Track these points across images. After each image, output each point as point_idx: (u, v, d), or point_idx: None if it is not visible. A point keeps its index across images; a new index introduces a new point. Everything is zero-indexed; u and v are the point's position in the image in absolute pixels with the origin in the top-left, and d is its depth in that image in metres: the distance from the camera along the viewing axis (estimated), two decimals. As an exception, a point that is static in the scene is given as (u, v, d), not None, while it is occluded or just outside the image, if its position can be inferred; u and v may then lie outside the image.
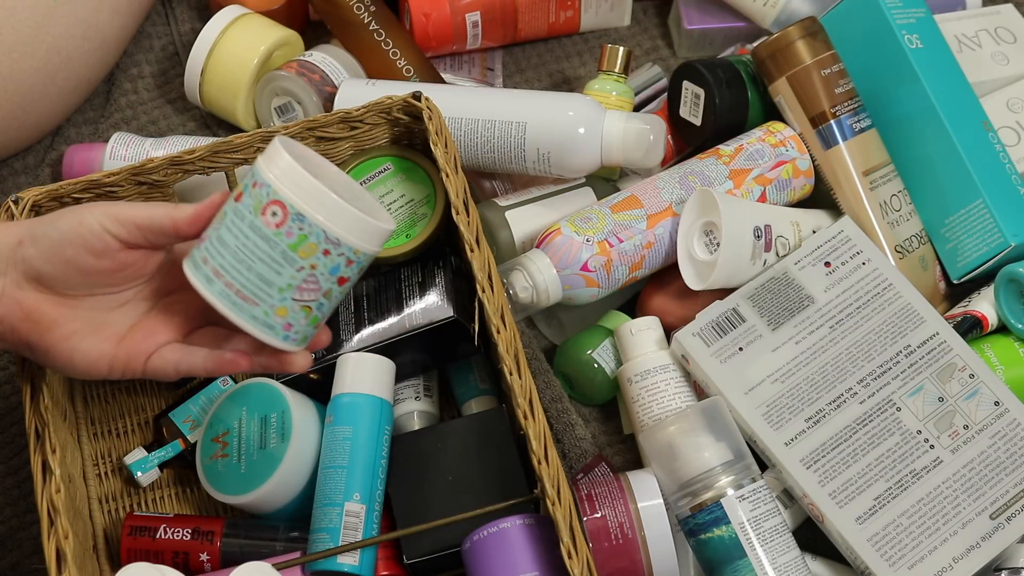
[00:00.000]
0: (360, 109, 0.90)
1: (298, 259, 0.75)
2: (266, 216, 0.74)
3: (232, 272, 0.75)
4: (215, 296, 0.75)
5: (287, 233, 0.74)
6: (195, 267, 0.76)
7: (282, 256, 0.74)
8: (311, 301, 0.76)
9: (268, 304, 0.75)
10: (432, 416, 0.93)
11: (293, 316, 0.76)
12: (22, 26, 0.98)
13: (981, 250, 0.94)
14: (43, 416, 0.81)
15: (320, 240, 0.74)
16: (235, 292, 0.75)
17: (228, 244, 0.75)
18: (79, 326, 0.77)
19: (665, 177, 0.95)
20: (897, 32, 0.96)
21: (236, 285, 0.75)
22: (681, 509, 0.84)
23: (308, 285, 0.76)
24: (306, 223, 0.74)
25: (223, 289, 0.75)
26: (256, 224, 0.74)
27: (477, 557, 0.80)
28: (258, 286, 0.75)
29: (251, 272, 0.75)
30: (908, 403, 0.87)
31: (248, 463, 0.86)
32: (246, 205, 0.75)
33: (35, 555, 0.92)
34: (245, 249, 0.75)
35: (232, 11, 1.05)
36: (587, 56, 1.13)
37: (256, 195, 0.74)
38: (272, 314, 0.76)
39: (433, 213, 0.92)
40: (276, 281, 0.75)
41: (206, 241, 0.76)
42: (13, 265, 0.75)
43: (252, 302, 0.75)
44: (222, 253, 0.75)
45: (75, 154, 1.04)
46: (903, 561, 0.83)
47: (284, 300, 0.76)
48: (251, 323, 0.76)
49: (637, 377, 0.91)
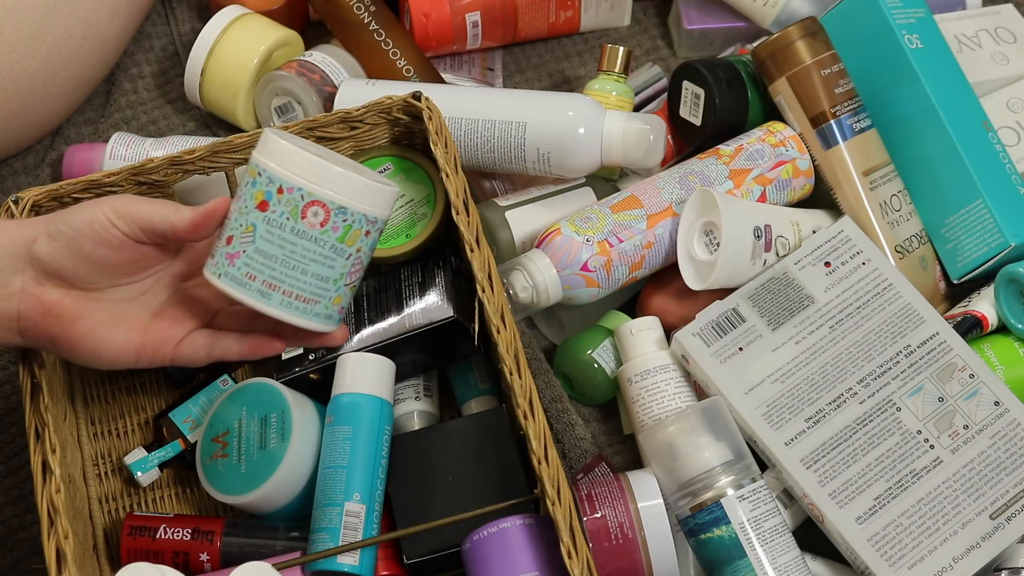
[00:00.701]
0: (360, 109, 0.90)
1: (347, 248, 0.77)
2: (308, 218, 0.76)
3: (288, 281, 0.77)
4: (276, 307, 0.77)
5: (333, 228, 0.76)
6: (242, 285, 0.77)
7: (332, 251, 0.77)
8: (356, 279, 0.80)
9: (327, 298, 0.79)
10: (432, 416, 0.93)
11: (345, 298, 0.80)
12: (22, 26, 0.98)
13: (981, 250, 0.94)
14: (43, 416, 0.81)
15: (363, 224, 0.77)
16: (295, 298, 0.77)
17: (273, 255, 0.76)
18: (103, 317, 0.78)
19: (665, 177, 0.95)
20: (897, 32, 0.96)
21: (295, 291, 0.77)
22: (681, 509, 0.84)
23: (355, 267, 0.79)
24: (349, 213, 0.77)
25: (283, 299, 0.77)
26: (299, 228, 0.76)
27: (477, 557, 0.80)
28: (316, 285, 0.78)
29: (307, 275, 0.77)
30: (908, 403, 0.87)
31: (248, 463, 0.86)
32: (280, 213, 0.76)
33: (35, 555, 0.92)
34: (295, 256, 0.76)
35: (232, 11, 1.05)
36: (587, 56, 1.13)
37: (289, 200, 0.76)
38: (331, 305, 0.79)
39: (433, 213, 0.92)
40: (331, 275, 0.78)
41: (243, 256, 0.77)
42: (30, 263, 0.76)
43: (313, 302, 0.78)
44: (270, 265, 0.77)
45: (75, 154, 1.04)
46: (903, 561, 0.83)
47: (339, 289, 0.79)
48: (314, 320, 0.79)
49: (637, 377, 0.91)
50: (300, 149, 0.76)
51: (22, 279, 0.76)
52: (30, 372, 0.82)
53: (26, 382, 0.82)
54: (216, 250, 0.79)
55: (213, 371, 0.95)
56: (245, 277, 0.77)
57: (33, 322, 0.77)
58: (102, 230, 0.76)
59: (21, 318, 0.77)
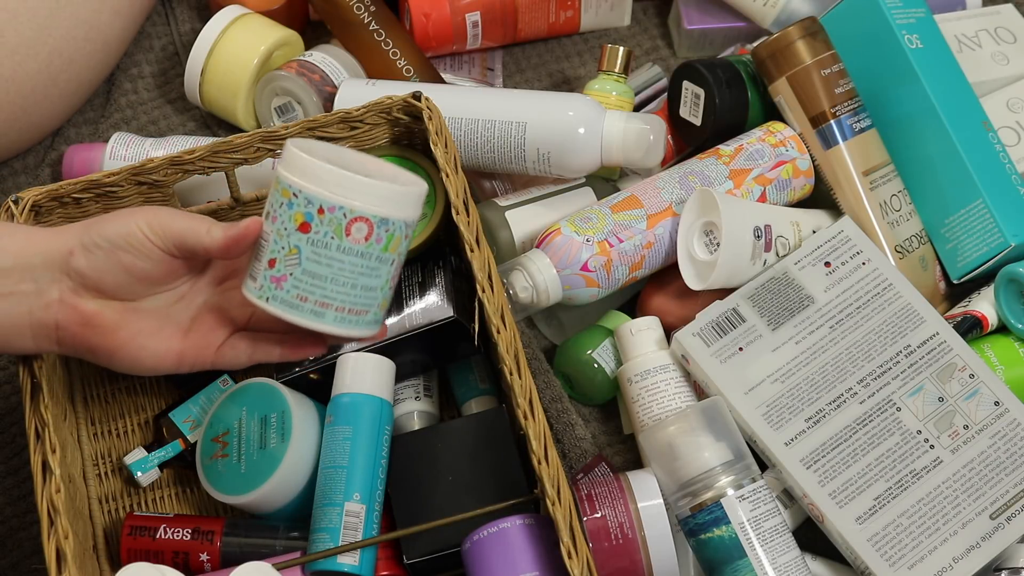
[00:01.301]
0: (360, 109, 0.90)
1: (390, 256, 0.79)
2: (352, 235, 0.77)
3: (340, 297, 0.78)
4: (331, 325, 0.79)
5: (377, 240, 0.78)
6: (295, 308, 0.79)
7: (377, 261, 0.79)
8: (397, 280, 0.82)
9: (375, 305, 0.80)
10: (432, 416, 0.93)
11: (388, 300, 0.82)
12: (24, 28, 0.98)
13: (981, 250, 0.94)
14: (43, 416, 0.81)
15: (403, 230, 0.79)
16: (347, 312, 0.79)
17: (322, 275, 0.78)
18: (142, 326, 0.79)
19: (665, 177, 0.95)
20: (897, 32, 0.96)
21: (348, 306, 0.79)
22: (681, 509, 0.84)
23: (397, 270, 0.81)
24: (391, 223, 0.78)
25: (336, 315, 0.79)
26: (345, 247, 0.77)
27: (477, 557, 0.80)
28: (366, 296, 0.79)
29: (356, 288, 0.79)
30: (908, 403, 0.87)
31: (248, 463, 0.86)
32: (324, 234, 0.77)
33: (35, 555, 0.92)
34: (344, 273, 0.78)
35: (232, 11, 1.06)
36: (587, 56, 1.13)
37: (332, 220, 0.77)
38: (379, 311, 0.81)
39: (433, 213, 0.92)
40: (377, 284, 0.80)
41: (290, 279, 0.78)
42: (67, 275, 0.77)
43: (364, 312, 0.80)
44: (320, 285, 0.78)
45: (75, 154, 1.04)
46: (903, 561, 0.83)
47: (385, 294, 0.81)
48: (365, 328, 0.81)
49: (637, 377, 0.91)
50: (330, 165, 0.77)
51: (59, 289, 0.77)
52: (30, 372, 0.82)
53: (26, 382, 0.82)
54: (257, 273, 0.79)
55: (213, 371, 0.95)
56: (296, 299, 0.78)
57: (71, 332, 0.77)
58: (138, 244, 0.77)
59: (59, 328, 0.77)
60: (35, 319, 0.77)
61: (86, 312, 0.77)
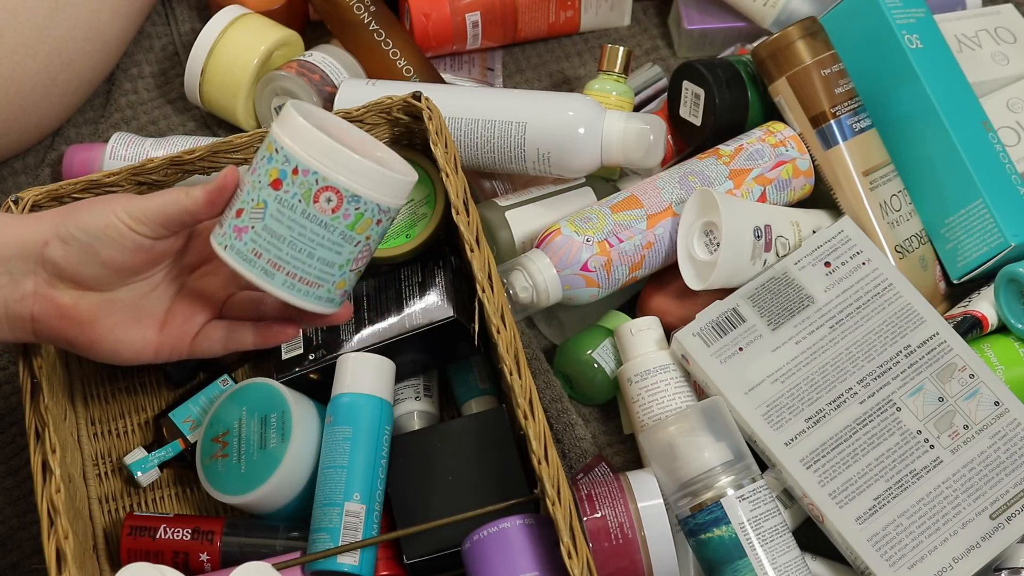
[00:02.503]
0: (360, 109, 0.90)
1: (356, 235, 0.77)
2: (320, 203, 0.75)
3: (293, 262, 0.76)
4: (278, 287, 0.77)
5: (344, 215, 0.76)
6: (247, 261, 0.77)
7: (341, 237, 0.76)
8: (363, 265, 0.80)
9: (330, 283, 0.78)
10: (432, 416, 0.93)
11: (349, 283, 0.80)
12: (24, 28, 0.98)
13: (981, 250, 0.94)
14: (43, 416, 0.81)
15: (375, 213, 0.77)
16: (298, 279, 0.77)
17: (282, 235, 0.76)
18: (119, 318, 0.78)
19: (665, 177, 0.95)
20: (897, 32, 0.96)
21: (299, 273, 0.77)
22: (681, 509, 0.84)
23: (363, 254, 0.79)
24: (362, 202, 0.76)
25: (286, 279, 0.77)
26: (310, 212, 0.75)
27: (477, 557, 0.80)
28: (321, 270, 0.77)
29: (312, 259, 0.76)
30: (908, 403, 0.87)
31: (248, 463, 0.86)
32: (292, 194, 0.75)
33: (35, 555, 0.92)
34: (303, 239, 0.76)
35: (232, 11, 1.06)
36: (587, 56, 1.13)
37: (303, 183, 0.75)
38: (334, 289, 0.79)
39: (433, 213, 0.92)
40: (337, 260, 0.77)
41: (250, 232, 0.76)
42: (43, 265, 0.76)
43: (316, 285, 0.78)
44: (277, 246, 0.76)
45: (75, 154, 1.04)
46: (903, 561, 0.83)
47: (344, 274, 0.78)
48: (316, 303, 0.78)
49: (637, 377, 0.91)
50: (318, 131, 0.75)
51: (34, 281, 0.76)
52: (30, 372, 0.82)
53: (26, 382, 0.82)
54: (225, 219, 0.78)
55: (213, 371, 0.95)
56: (251, 253, 0.76)
57: (48, 325, 0.77)
58: (119, 236, 0.76)
59: (35, 320, 0.77)
60: (10, 311, 0.76)
61: (62, 305, 0.76)
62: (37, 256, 0.76)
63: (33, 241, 0.76)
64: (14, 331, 0.77)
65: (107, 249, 0.76)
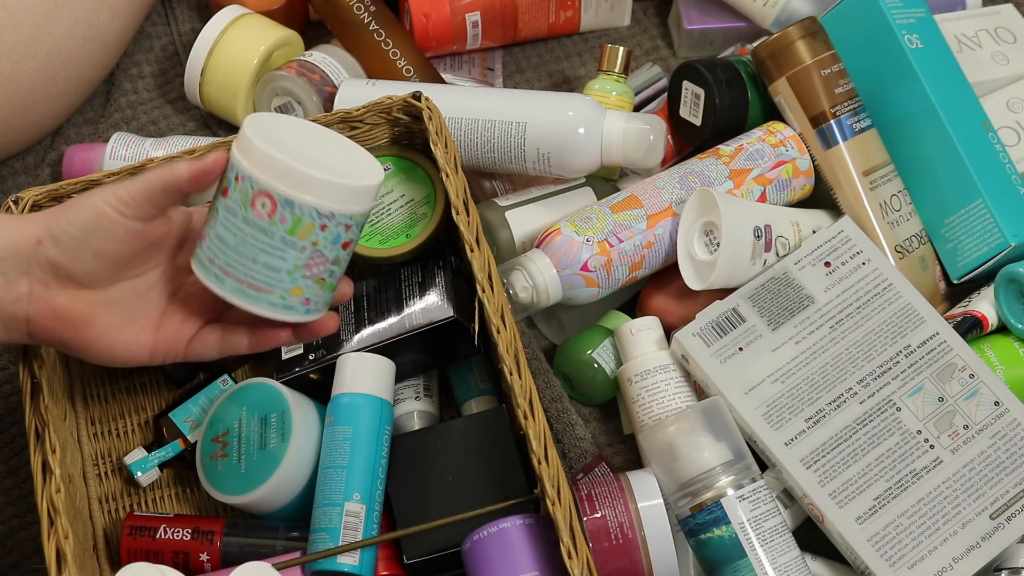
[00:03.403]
0: (360, 109, 0.90)
1: (298, 241, 0.75)
2: (256, 208, 0.75)
3: (239, 268, 0.76)
4: (230, 293, 0.77)
5: (281, 220, 0.75)
6: (203, 267, 0.77)
7: (282, 242, 0.75)
8: (322, 273, 0.78)
9: (282, 289, 0.77)
10: (432, 416, 0.93)
11: (309, 291, 0.78)
12: (23, 27, 0.98)
13: (981, 250, 0.94)
14: (43, 416, 0.81)
15: (314, 218, 0.75)
16: (247, 285, 0.76)
17: (228, 241, 0.76)
18: (114, 318, 0.78)
19: (665, 177, 0.95)
20: (897, 32, 0.96)
21: (247, 279, 0.76)
22: (681, 509, 0.84)
23: (314, 260, 0.77)
24: (296, 207, 0.75)
25: (235, 285, 0.76)
26: (249, 218, 0.75)
27: (477, 557, 0.80)
28: (267, 275, 0.76)
29: (257, 264, 0.76)
30: (908, 403, 0.87)
31: (248, 463, 0.86)
32: (234, 200, 0.76)
33: (35, 555, 0.92)
34: (245, 244, 0.75)
35: (232, 11, 1.06)
36: (587, 56, 1.13)
37: (241, 189, 0.75)
38: (288, 296, 0.77)
39: (433, 213, 0.92)
40: (283, 266, 0.76)
41: (207, 239, 0.77)
42: (37, 265, 0.75)
43: (266, 291, 0.77)
44: (224, 251, 0.76)
45: (75, 154, 1.04)
46: (903, 561, 0.83)
47: (295, 280, 0.77)
48: (270, 310, 0.77)
49: (637, 377, 0.91)
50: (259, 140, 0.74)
51: (28, 281, 0.76)
52: (30, 372, 0.82)
53: (26, 382, 0.82)
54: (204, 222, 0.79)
55: (213, 371, 0.95)
56: (207, 260, 0.77)
57: (42, 325, 0.77)
58: (109, 223, 0.75)
59: (30, 321, 0.76)
60: (5, 313, 0.76)
61: (56, 306, 0.76)
62: (31, 256, 0.75)
63: (26, 241, 0.75)
64: (9, 332, 0.77)
65: (99, 240, 0.75)
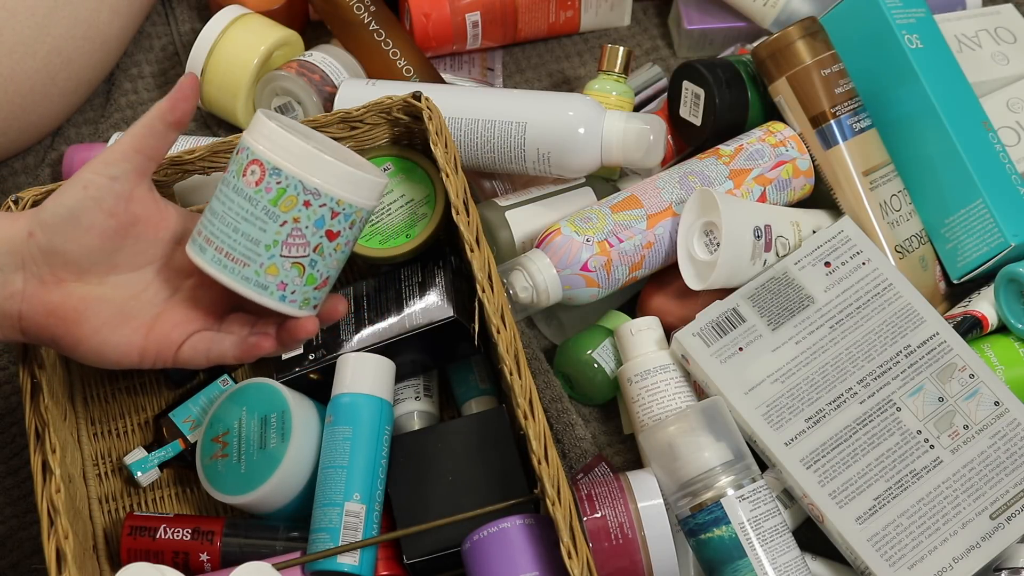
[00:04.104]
0: (360, 109, 0.90)
1: (280, 213, 0.76)
2: (247, 177, 0.76)
3: (221, 237, 0.77)
4: (207, 262, 0.77)
5: (266, 188, 0.75)
6: (192, 241, 0.78)
7: (264, 212, 0.76)
8: (301, 257, 0.77)
9: (257, 263, 0.76)
10: (432, 416, 0.93)
11: (285, 274, 0.77)
12: (23, 27, 0.98)
13: (981, 250, 0.94)
14: (43, 416, 0.81)
15: (299, 191, 0.75)
16: (224, 255, 0.77)
17: (217, 211, 0.77)
18: (107, 317, 0.77)
19: (665, 177, 0.95)
20: (897, 32, 0.96)
21: (225, 248, 0.76)
22: (681, 509, 0.84)
23: (294, 240, 0.76)
24: (282, 175, 0.75)
25: (214, 255, 0.77)
26: (239, 186, 0.76)
27: (477, 557, 0.80)
28: (245, 246, 0.76)
29: (237, 233, 0.76)
30: (908, 403, 0.87)
31: (248, 463, 0.86)
32: (231, 172, 0.77)
33: (35, 555, 0.92)
34: (231, 212, 0.76)
35: (232, 11, 1.06)
36: (587, 56, 1.13)
37: (238, 160, 0.77)
38: (263, 273, 0.77)
39: (433, 213, 0.92)
40: (262, 239, 0.76)
41: (203, 215, 0.78)
42: (31, 259, 0.75)
43: (242, 263, 0.76)
44: (212, 221, 0.77)
45: (75, 154, 1.04)
46: (903, 561, 0.83)
47: (272, 257, 0.76)
48: (243, 284, 0.77)
49: (637, 377, 0.91)
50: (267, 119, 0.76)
51: (22, 277, 0.76)
52: (30, 372, 0.82)
53: (26, 382, 0.82)
54: None
55: (213, 371, 0.95)
56: (197, 235, 0.78)
57: (35, 322, 0.76)
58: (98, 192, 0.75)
59: (23, 318, 0.76)
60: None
61: (50, 303, 0.76)
62: (24, 251, 0.75)
63: (18, 236, 0.75)
64: (2, 329, 0.77)
65: (88, 215, 0.75)
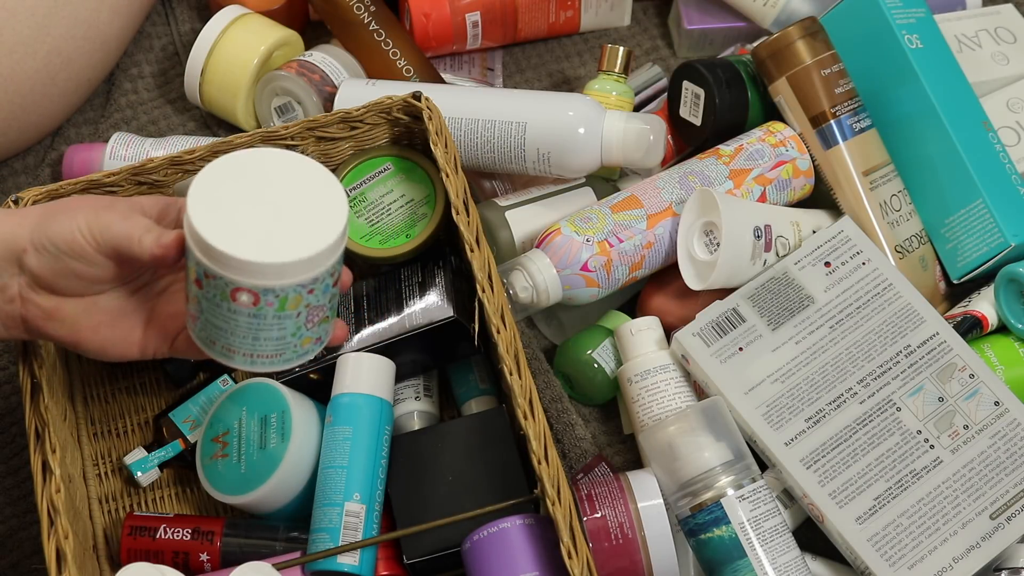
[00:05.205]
0: (360, 109, 0.90)
1: (290, 312, 0.74)
2: (239, 300, 0.73)
3: (244, 346, 0.75)
4: (243, 364, 0.76)
5: (267, 304, 0.73)
6: (207, 345, 0.77)
7: (275, 319, 0.74)
8: (322, 317, 0.77)
9: (293, 347, 0.76)
10: (432, 416, 0.93)
11: (316, 332, 0.77)
12: (23, 27, 0.98)
13: (981, 250, 0.94)
14: (43, 416, 0.81)
15: (301, 291, 0.74)
16: (256, 356, 0.76)
17: (223, 327, 0.75)
18: (104, 317, 0.78)
19: (665, 177, 0.95)
20: (897, 32, 0.96)
21: (254, 352, 0.76)
22: (681, 509, 0.84)
23: (313, 314, 0.76)
24: (277, 290, 0.73)
25: (244, 359, 0.76)
26: (235, 309, 0.73)
27: (477, 557, 0.80)
28: (274, 345, 0.76)
29: (258, 341, 0.75)
30: (908, 403, 0.87)
31: (248, 463, 0.86)
32: (212, 295, 0.73)
33: (35, 555, 0.92)
34: (240, 328, 0.74)
35: (232, 11, 1.05)
36: (587, 56, 1.13)
37: (216, 285, 0.73)
38: (300, 347, 0.77)
39: (433, 213, 0.92)
40: (285, 334, 0.75)
41: (199, 322, 0.76)
42: (23, 271, 0.76)
43: (277, 356, 0.76)
44: (223, 334, 0.75)
45: (75, 154, 1.04)
46: (903, 561, 0.83)
47: (301, 335, 0.76)
48: (289, 364, 0.77)
49: (637, 377, 0.91)
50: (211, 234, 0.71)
51: (18, 283, 0.76)
52: (30, 372, 0.82)
53: (26, 382, 0.82)
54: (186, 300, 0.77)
55: (213, 371, 0.95)
56: (207, 339, 0.76)
57: (36, 324, 0.77)
58: (81, 251, 0.74)
59: (26, 320, 0.77)
60: (3, 312, 0.76)
61: (45, 308, 0.76)
62: (18, 261, 0.75)
63: (16, 244, 0.75)
64: (9, 330, 0.78)
65: (76, 263, 0.75)
